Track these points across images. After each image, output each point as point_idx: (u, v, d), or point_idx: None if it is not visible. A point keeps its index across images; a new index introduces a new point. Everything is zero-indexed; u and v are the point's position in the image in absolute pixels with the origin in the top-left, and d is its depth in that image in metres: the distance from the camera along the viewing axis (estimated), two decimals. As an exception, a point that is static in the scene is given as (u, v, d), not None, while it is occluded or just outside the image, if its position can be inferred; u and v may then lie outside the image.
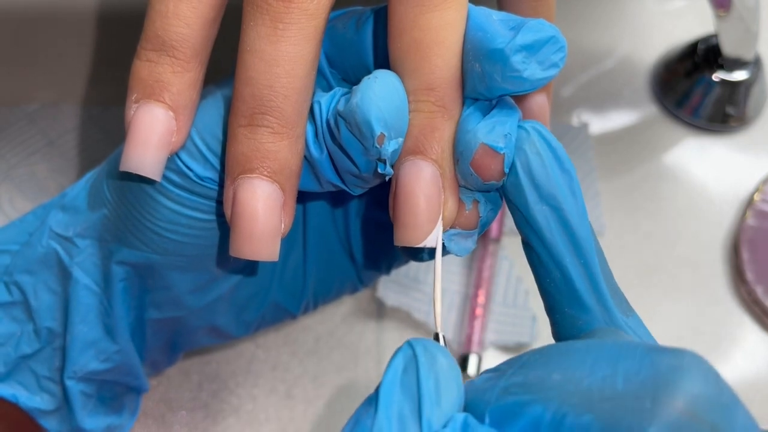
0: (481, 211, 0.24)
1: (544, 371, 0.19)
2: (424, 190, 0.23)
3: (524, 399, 0.19)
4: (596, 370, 0.19)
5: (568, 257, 0.22)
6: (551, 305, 0.23)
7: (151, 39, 0.24)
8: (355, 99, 0.22)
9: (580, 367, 0.19)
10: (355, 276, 0.33)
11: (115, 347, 0.29)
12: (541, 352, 0.20)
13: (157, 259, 0.27)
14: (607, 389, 0.18)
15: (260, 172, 0.23)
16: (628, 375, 0.18)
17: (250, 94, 0.23)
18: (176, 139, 0.24)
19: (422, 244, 0.23)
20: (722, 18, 0.41)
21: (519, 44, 0.22)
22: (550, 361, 0.20)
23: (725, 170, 0.46)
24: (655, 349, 0.19)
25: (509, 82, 0.22)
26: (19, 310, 0.29)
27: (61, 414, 0.30)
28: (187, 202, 0.26)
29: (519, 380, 0.20)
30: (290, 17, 0.22)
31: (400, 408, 0.19)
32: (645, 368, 0.18)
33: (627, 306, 0.23)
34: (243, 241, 0.23)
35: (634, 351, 0.19)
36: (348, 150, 0.23)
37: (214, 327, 0.32)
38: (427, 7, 0.22)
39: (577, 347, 0.20)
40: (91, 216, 0.28)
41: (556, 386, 0.19)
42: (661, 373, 0.18)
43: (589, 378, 0.19)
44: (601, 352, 0.19)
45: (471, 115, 0.23)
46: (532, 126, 0.23)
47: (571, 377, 0.19)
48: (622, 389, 0.18)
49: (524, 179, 0.23)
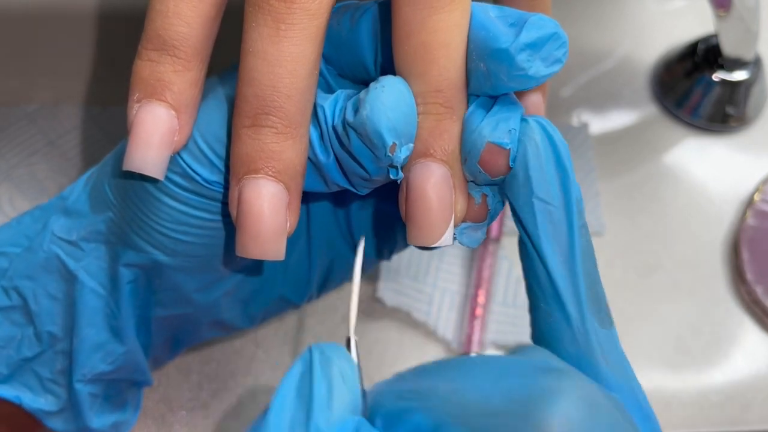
0: (490, 204, 0.25)
1: (436, 381, 0.20)
2: (437, 192, 0.23)
3: (411, 405, 0.19)
4: (481, 384, 0.19)
5: (551, 253, 0.23)
6: (532, 302, 0.24)
7: (152, 38, 0.24)
8: (365, 111, 0.22)
9: (468, 380, 0.19)
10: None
11: (123, 348, 0.30)
12: (440, 363, 0.21)
13: (165, 260, 0.27)
14: (485, 404, 0.18)
15: (265, 172, 0.23)
16: (509, 393, 0.18)
17: (254, 94, 0.23)
18: (178, 138, 0.24)
19: (437, 244, 0.24)
20: (722, 18, 0.41)
21: (523, 43, 0.22)
22: (445, 371, 0.20)
23: (725, 170, 0.46)
24: (542, 370, 0.19)
25: (515, 81, 0.23)
26: (19, 314, 0.29)
27: (66, 414, 0.30)
28: (195, 203, 0.26)
29: (411, 386, 0.20)
30: (292, 18, 0.22)
31: (293, 414, 0.19)
32: (525, 388, 0.18)
33: (607, 318, 0.23)
34: (249, 241, 0.24)
35: (522, 369, 0.19)
36: (358, 157, 0.23)
37: (219, 321, 0.32)
38: (435, 9, 0.22)
39: (474, 360, 0.20)
40: (95, 219, 0.28)
41: (441, 396, 0.19)
42: (537, 394, 0.18)
43: (472, 392, 0.19)
44: (492, 367, 0.19)
45: (475, 113, 0.24)
46: (536, 120, 0.23)
47: (457, 389, 0.19)
48: (498, 406, 0.18)
49: (519, 172, 0.23)
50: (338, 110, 0.24)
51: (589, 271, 0.23)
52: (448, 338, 0.40)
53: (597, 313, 0.23)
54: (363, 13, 0.25)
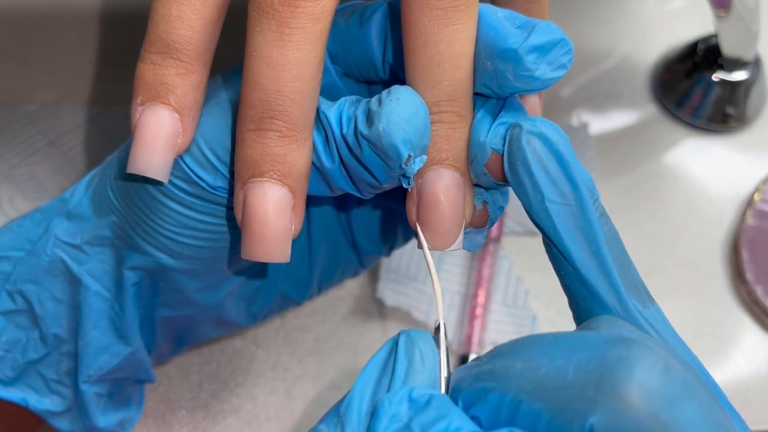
0: (490, 210, 0.25)
1: (511, 360, 0.20)
2: (450, 199, 0.24)
3: (489, 386, 0.20)
4: (554, 360, 0.19)
5: (576, 250, 0.23)
6: (570, 298, 0.24)
7: (154, 42, 0.24)
8: (381, 124, 0.23)
9: (542, 357, 0.20)
10: (357, 261, 0.34)
11: (128, 350, 0.30)
12: (514, 343, 0.21)
13: (170, 263, 0.28)
14: (559, 379, 0.19)
15: (270, 176, 0.23)
16: (580, 365, 0.19)
17: (258, 98, 0.23)
18: (182, 140, 0.25)
19: (450, 249, 0.24)
20: (722, 18, 0.41)
21: (532, 45, 0.23)
22: (518, 351, 0.21)
23: (725, 170, 0.46)
24: (611, 340, 0.19)
25: (521, 81, 0.23)
26: (24, 318, 0.29)
27: (72, 414, 0.31)
28: (200, 207, 0.26)
29: (488, 368, 0.21)
30: (296, 22, 0.22)
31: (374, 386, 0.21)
32: (596, 359, 0.19)
33: (646, 297, 0.24)
34: (255, 244, 0.24)
35: (592, 341, 0.19)
36: (369, 167, 0.24)
37: (222, 319, 0.33)
38: (451, 20, 0.23)
39: (546, 338, 0.20)
40: (98, 223, 0.28)
41: (517, 375, 0.20)
42: (608, 363, 0.18)
43: (546, 367, 0.19)
44: (565, 343, 0.20)
45: (483, 119, 0.24)
46: (530, 122, 0.23)
47: (531, 366, 0.20)
48: (572, 379, 0.19)
49: (524, 178, 0.23)
50: (345, 118, 0.24)
51: (619, 257, 0.23)
52: (448, 338, 0.40)
53: (636, 295, 0.23)
54: (373, 12, 0.25)
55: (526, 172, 0.23)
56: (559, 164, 0.23)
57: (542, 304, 0.41)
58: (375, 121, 0.23)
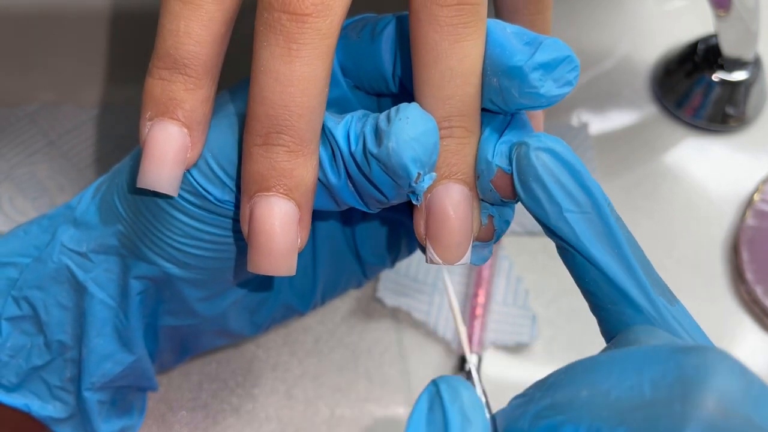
0: (496, 224, 0.26)
1: (572, 390, 0.20)
2: (459, 214, 0.24)
3: (556, 420, 0.19)
4: (623, 380, 0.19)
5: (601, 256, 0.23)
6: (595, 304, 0.24)
7: (163, 57, 0.24)
8: (391, 143, 0.23)
9: (607, 379, 0.19)
10: (360, 272, 0.34)
11: (132, 358, 0.30)
12: (566, 371, 0.20)
13: (176, 273, 0.28)
14: (635, 398, 0.18)
15: (276, 190, 0.24)
16: (655, 380, 0.18)
17: (265, 113, 0.23)
18: (191, 155, 0.25)
19: (459, 263, 0.25)
20: (722, 18, 0.41)
21: (537, 62, 0.23)
22: (577, 379, 0.20)
23: (725, 170, 0.46)
24: (678, 350, 0.19)
25: (526, 98, 0.23)
26: (29, 324, 0.29)
27: (74, 421, 0.31)
28: (207, 219, 0.26)
29: (548, 402, 0.20)
30: (304, 38, 0.22)
31: None
32: (670, 371, 0.18)
33: (670, 295, 0.24)
34: (261, 257, 0.24)
35: (657, 355, 0.19)
36: (378, 184, 0.24)
37: (225, 330, 0.33)
38: (462, 36, 0.23)
39: (602, 360, 0.20)
40: (104, 231, 0.28)
41: (586, 403, 0.19)
42: (687, 374, 0.18)
43: (617, 389, 0.19)
44: (625, 361, 0.19)
45: (490, 136, 0.24)
46: (537, 140, 0.23)
47: (599, 391, 0.19)
48: (650, 396, 0.18)
49: (539, 193, 0.23)
50: (353, 135, 0.24)
51: (640, 258, 0.23)
52: (448, 338, 0.40)
53: (663, 294, 0.23)
54: (384, 27, 0.25)
55: (540, 186, 0.23)
56: (571, 175, 0.23)
57: (542, 304, 0.41)
58: (384, 140, 0.23)
